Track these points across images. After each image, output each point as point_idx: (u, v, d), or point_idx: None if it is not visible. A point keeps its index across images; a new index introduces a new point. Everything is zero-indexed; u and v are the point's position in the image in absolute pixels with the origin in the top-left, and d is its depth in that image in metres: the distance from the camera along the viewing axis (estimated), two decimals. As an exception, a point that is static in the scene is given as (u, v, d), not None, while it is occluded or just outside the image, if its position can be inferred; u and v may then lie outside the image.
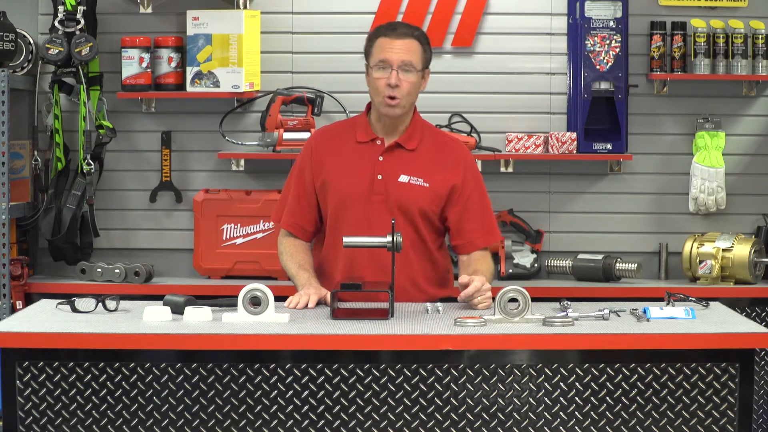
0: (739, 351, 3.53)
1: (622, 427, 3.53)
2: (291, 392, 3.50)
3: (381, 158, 4.13)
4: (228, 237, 5.43)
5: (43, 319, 3.67)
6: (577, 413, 3.53)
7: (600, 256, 5.40)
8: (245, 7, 5.39)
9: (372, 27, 5.48)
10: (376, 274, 4.04)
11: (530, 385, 3.52)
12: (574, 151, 5.40)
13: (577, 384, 3.53)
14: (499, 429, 3.52)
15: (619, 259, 5.39)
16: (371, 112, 4.19)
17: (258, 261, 5.36)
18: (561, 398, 3.53)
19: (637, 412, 3.53)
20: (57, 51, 5.26)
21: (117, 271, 5.33)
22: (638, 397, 3.53)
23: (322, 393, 3.51)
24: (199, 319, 3.63)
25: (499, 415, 3.52)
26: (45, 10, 5.48)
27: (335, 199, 4.13)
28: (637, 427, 3.53)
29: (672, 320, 3.70)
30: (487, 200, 4.24)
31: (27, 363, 3.48)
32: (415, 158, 4.14)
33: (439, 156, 4.17)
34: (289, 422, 3.51)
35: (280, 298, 3.82)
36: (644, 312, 3.74)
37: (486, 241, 4.21)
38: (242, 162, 5.43)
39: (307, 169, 4.18)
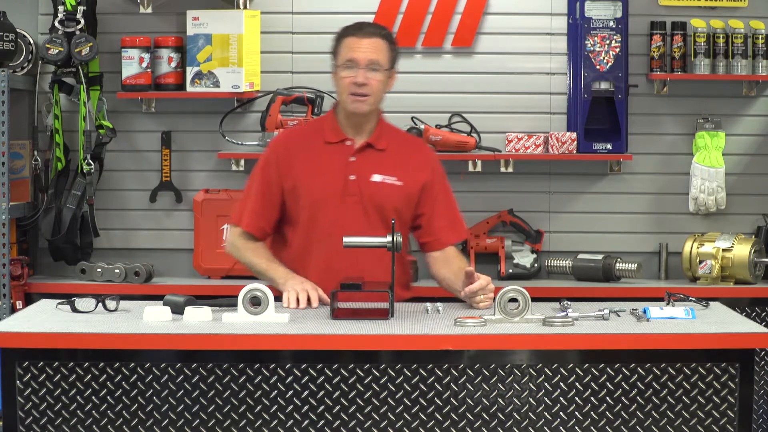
0: (739, 351, 3.53)
1: (622, 427, 3.53)
2: (291, 392, 3.50)
3: (353, 159, 4.12)
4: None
5: (43, 319, 3.67)
6: (577, 413, 3.53)
7: (600, 256, 5.40)
8: (245, 7, 5.39)
9: (371, 27, 5.50)
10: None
11: (530, 385, 3.52)
12: (574, 151, 5.40)
13: (577, 384, 3.53)
14: (499, 429, 3.52)
15: (619, 259, 5.39)
16: (338, 112, 4.18)
17: (258, 261, 5.35)
18: (561, 398, 3.53)
19: (637, 412, 3.53)
20: (57, 51, 5.26)
21: (117, 271, 5.33)
22: (638, 397, 3.53)
23: (322, 393, 3.50)
24: (199, 319, 3.63)
25: (499, 415, 3.52)
26: (45, 10, 5.48)
27: (308, 201, 4.10)
28: (637, 427, 3.53)
29: (672, 320, 3.70)
30: (453, 197, 4.28)
31: (27, 363, 3.48)
32: (386, 158, 4.15)
33: (409, 155, 4.20)
34: (289, 422, 3.51)
35: (280, 299, 3.82)
36: (644, 312, 3.74)
37: (456, 237, 4.25)
38: (242, 162, 5.43)
39: (274, 171, 4.15)
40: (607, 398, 3.53)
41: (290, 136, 4.29)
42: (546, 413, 3.53)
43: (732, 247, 5.30)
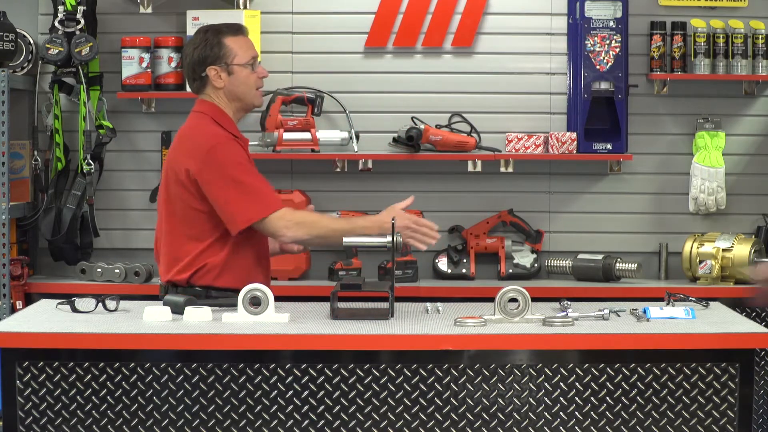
0: (739, 351, 3.53)
1: (622, 427, 3.53)
2: (291, 392, 3.50)
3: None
4: (228, 237, 5.41)
5: (43, 319, 3.67)
6: (577, 413, 3.53)
7: (600, 256, 5.40)
8: (245, 7, 5.39)
9: (372, 27, 5.49)
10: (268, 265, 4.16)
11: (530, 385, 3.52)
12: (574, 151, 5.40)
13: (577, 384, 3.53)
14: (499, 429, 3.52)
15: (619, 259, 5.39)
16: (227, 109, 4.12)
17: (258, 261, 5.34)
18: (561, 398, 3.53)
19: (637, 412, 3.53)
20: (57, 51, 5.26)
21: (117, 271, 5.33)
22: (638, 397, 3.53)
23: (322, 393, 3.51)
24: (199, 319, 3.63)
25: (499, 415, 3.52)
26: (45, 10, 5.48)
27: None
28: (637, 427, 3.53)
29: (672, 320, 3.70)
30: None
31: (27, 363, 3.48)
32: None
33: None
34: (289, 422, 3.51)
35: (279, 298, 3.81)
36: (644, 312, 3.74)
37: None
38: (242, 162, 5.42)
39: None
40: (607, 398, 3.53)
41: (224, 133, 4.08)
42: (546, 413, 3.53)
43: (732, 247, 5.30)
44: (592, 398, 3.53)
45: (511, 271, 5.44)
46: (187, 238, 4.00)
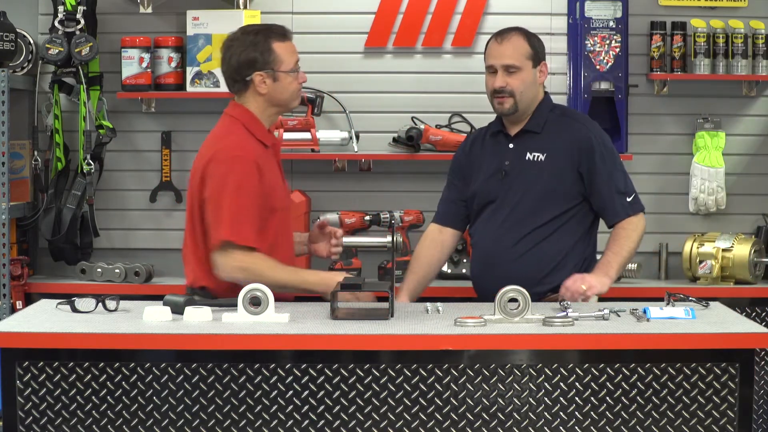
0: (739, 351, 3.53)
1: (622, 427, 3.53)
2: (291, 392, 3.50)
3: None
4: (228, 237, 5.41)
5: (43, 319, 3.67)
6: (577, 413, 3.53)
7: (600, 256, 5.39)
8: (245, 7, 5.39)
9: (372, 27, 5.50)
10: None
11: (530, 385, 3.52)
12: (574, 151, 5.39)
13: (577, 384, 3.53)
14: (499, 429, 3.52)
15: (619, 259, 5.38)
16: (261, 114, 4.06)
17: (258, 261, 5.34)
18: (561, 398, 3.53)
19: (637, 412, 3.53)
20: (57, 51, 5.26)
21: (117, 271, 5.33)
22: (638, 397, 3.53)
23: (322, 393, 3.51)
24: (199, 319, 3.63)
25: (499, 415, 3.52)
26: (45, 10, 5.49)
27: (279, 205, 4.08)
28: (637, 427, 3.53)
29: (672, 320, 3.70)
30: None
31: (27, 363, 3.48)
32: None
33: None
34: (289, 422, 3.51)
35: (279, 298, 3.82)
36: (644, 312, 3.74)
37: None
38: (242, 162, 5.42)
39: (259, 179, 3.98)
40: (607, 398, 3.53)
41: (248, 145, 4.01)
42: (546, 413, 3.53)
43: (732, 247, 5.30)
44: (592, 398, 3.53)
45: (511, 271, 5.43)
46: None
